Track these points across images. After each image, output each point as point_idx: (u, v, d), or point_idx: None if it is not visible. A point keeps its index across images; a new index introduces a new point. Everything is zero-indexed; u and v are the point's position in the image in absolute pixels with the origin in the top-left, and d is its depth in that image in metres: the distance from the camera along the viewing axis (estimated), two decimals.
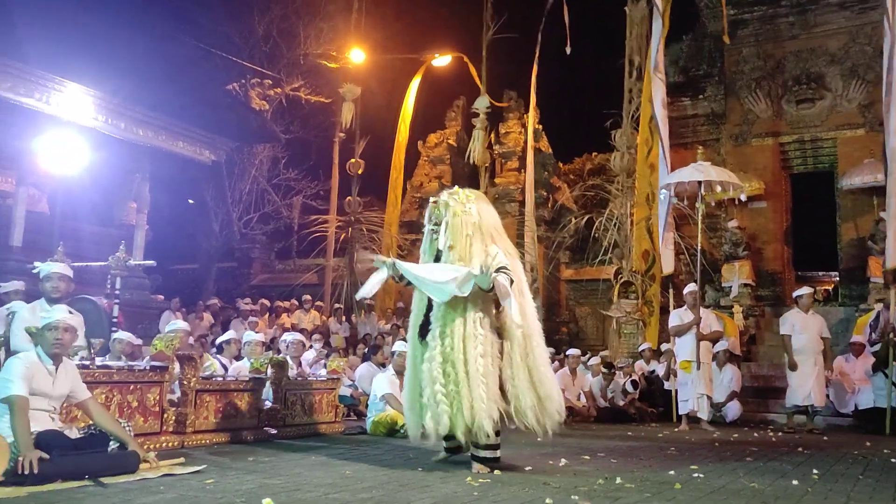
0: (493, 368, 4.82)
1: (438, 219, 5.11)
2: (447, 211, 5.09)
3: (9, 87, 9.28)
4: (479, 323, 4.86)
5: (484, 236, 5.08)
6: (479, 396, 4.67)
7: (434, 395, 4.71)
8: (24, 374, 4.16)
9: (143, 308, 11.36)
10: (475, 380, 4.70)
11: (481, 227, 5.09)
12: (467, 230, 5.03)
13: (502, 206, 17.46)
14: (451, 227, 5.05)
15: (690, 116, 15.61)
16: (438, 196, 5.27)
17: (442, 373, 4.73)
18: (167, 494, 3.74)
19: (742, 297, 13.93)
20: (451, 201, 5.13)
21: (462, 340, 4.79)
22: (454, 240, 5.00)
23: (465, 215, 5.07)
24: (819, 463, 5.88)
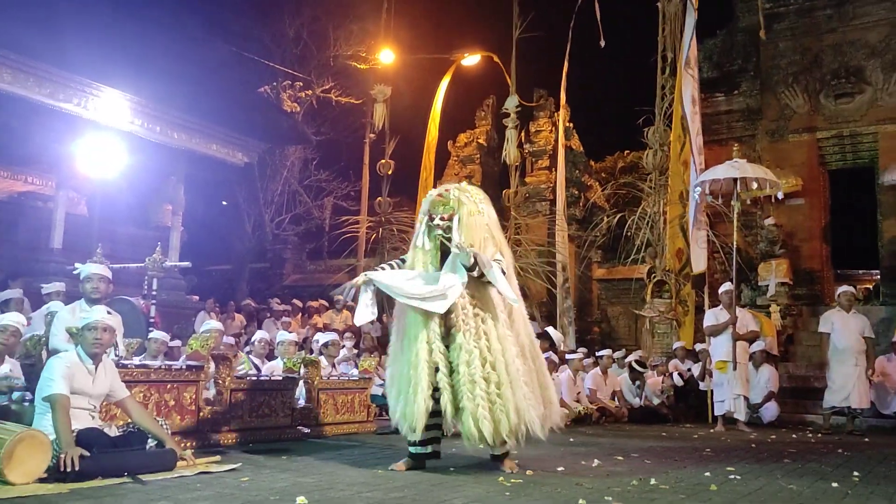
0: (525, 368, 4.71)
1: (447, 213, 4.81)
2: (461, 208, 4.83)
3: (49, 92, 9.47)
4: (506, 324, 4.75)
5: (494, 241, 4.89)
6: (522, 397, 4.57)
7: (475, 399, 4.49)
8: (65, 373, 4.25)
9: (179, 308, 11.53)
10: (517, 381, 4.57)
11: (492, 231, 4.90)
12: (483, 232, 4.82)
13: (533, 205, 17.43)
14: (465, 225, 4.78)
15: (725, 112, 15.41)
16: (445, 189, 4.97)
17: (483, 376, 4.53)
18: (204, 492, 3.79)
19: (779, 296, 13.72)
20: (463, 198, 4.87)
21: (499, 341, 4.63)
22: (470, 239, 4.73)
23: (479, 216, 4.86)
24: (859, 465, 5.77)
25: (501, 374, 4.54)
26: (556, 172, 16.34)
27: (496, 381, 4.53)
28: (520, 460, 5.42)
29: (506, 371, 4.56)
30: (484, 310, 4.69)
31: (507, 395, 4.51)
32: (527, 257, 14.71)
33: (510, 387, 4.53)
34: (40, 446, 3.90)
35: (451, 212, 4.81)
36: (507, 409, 4.50)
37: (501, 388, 4.52)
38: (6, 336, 4.89)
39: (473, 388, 4.49)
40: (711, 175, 10.45)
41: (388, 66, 17.78)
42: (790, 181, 13.95)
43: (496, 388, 4.51)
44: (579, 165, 18.08)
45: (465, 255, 4.53)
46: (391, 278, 4.82)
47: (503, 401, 4.50)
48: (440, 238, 4.85)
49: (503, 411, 4.49)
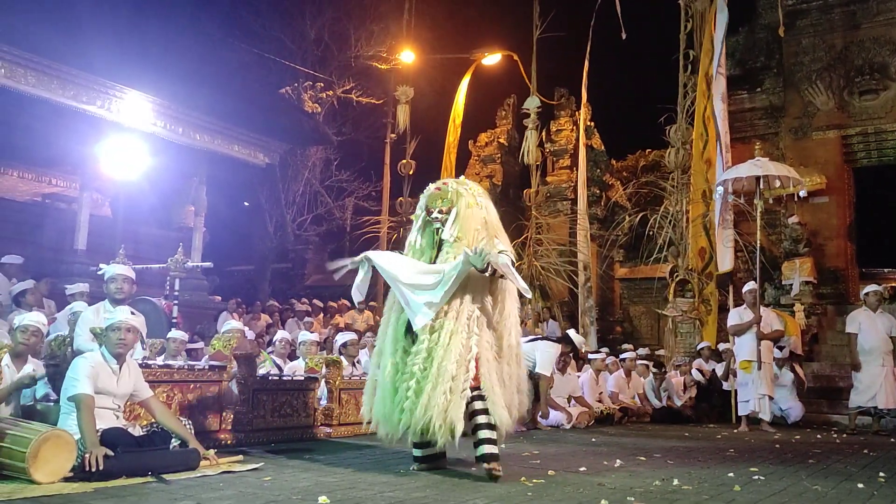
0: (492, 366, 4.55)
1: (445, 206, 4.74)
2: (459, 200, 4.74)
3: (73, 94, 9.59)
4: (474, 321, 4.56)
5: (489, 232, 4.74)
6: (442, 392, 4.34)
7: (406, 392, 4.42)
8: (89, 373, 4.29)
9: (202, 309, 11.63)
10: (444, 376, 4.36)
11: (488, 224, 4.78)
12: (476, 224, 4.71)
13: (554, 204, 17.38)
14: (461, 217, 4.70)
15: (748, 110, 15.27)
16: (443, 183, 4.90)
17: (421, 369, 4.42)
18: (227, 491, 3.81)
19: (803, 294, 13.57)
20: (461, 190, 4.79)
21: (449, 336, 4.47)
22: (463, 232, 4.66)
23: (477, 208, 4.76)
24: (886, 465, 5.69)
25: (431, 369, 4.40)
26: (578, 171, 16.28)
27: (426, 374, 4.41)
28: (541, 460, 5.42)
29: (437, 366, 4.39)
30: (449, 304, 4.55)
31: (426, 389, 4.36)
32: (548, 257, 14.66)
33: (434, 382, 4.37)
34: (66, 446, 3.95)
35: (448, 205, 4.74)
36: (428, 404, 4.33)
37: (423, 383, 4.40)
38: (27, 336, 4.94)
39: (410, 379, 4.44)
40: (734, 173, 10.36)
41: (409, 66, 17.81)
42: (814, 179, 13.79)
43: (416, 384, 4.41)
44: (600, 164, 18.00)
45: (477, 258, 4.38)
46: (389, 260, 4.80)
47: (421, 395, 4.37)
48: (438, 232, 4.78)
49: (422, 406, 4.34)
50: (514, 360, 4.76)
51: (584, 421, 8.96)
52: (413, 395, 4.39)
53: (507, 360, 4.71)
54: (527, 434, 7.70)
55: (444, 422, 4.29)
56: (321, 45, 19.77)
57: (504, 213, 17.77)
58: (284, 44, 19.07)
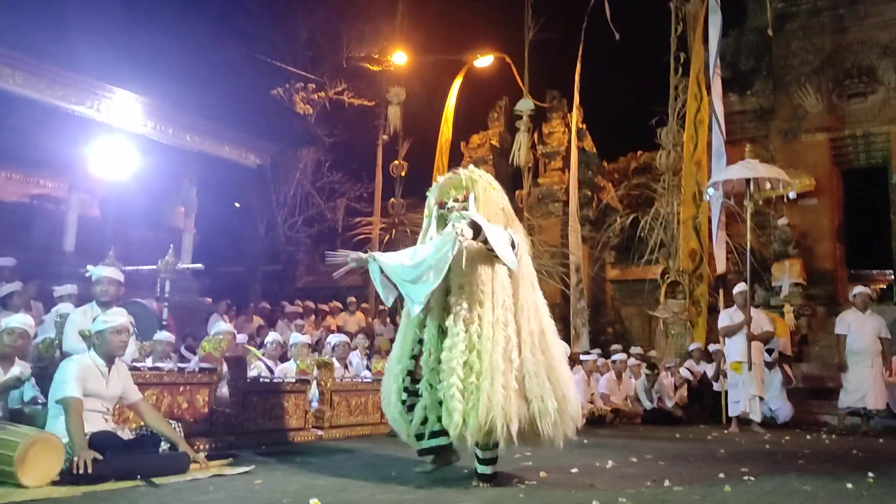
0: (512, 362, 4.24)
1: (461, 194, 4.51)
2: (475, 185, 4.52)
3: (61, 95, 9.53)
4: (506, 307, 4.33)
5: (507, 219, 4.57)
6: (498, 390, 4.08)
7: (449, 389, 4.08)
8: (78, 375, 4.27)
9: (192, 311, 11.56)
10: (497, 371, 4.10)
11: (505, 211, 4.59)
12: (497, 209, 4.52)
13: (546, 206, 17.38)
14: (483, 201, 4.46)
15: (738, 112, 15.32)
16: (454, 172, 4.68)
17: (463, 364, 4.12)
18: (217, 494, 3.79)
19: (793, 296, 13.63)
20: (475, 176, 4.59)
21: (491, 327, 4.22)
22: (488, 215, 4.40)
23: (494, 192, 4.58)
24: (874, 466, 5.71)
25: (484, 364, 4.12)
26: (569, 173, 16.30)
27: (478, 370, 4.11)
28: (533, 461, 5.41)
29: (489, 361, 4.12)
30: (479, 292, 4.29)
31: (484, 386, 4.06)
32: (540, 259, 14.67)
33: (490, 378, 4.08)
34: (53, 449, 3.92)
35: (465, 192, 4.52)
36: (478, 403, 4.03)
37: (481, 378, 4.09)
38: (14, 338, 4.91)
39: (451, 375, 4.11)
40: (725, 175, 10.40)
41: (401, 67, 17.80)
42: (803, 181, 13.86)
43: (475, 379, 4.09)
44: (592, 166, 18.02)
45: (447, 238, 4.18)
46: (393, 258, 4.58)
47: (479, 392, 4.05)
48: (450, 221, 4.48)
49: (474, 405, 4.04)
50: (537, 349, 4.36)
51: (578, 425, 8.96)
52: (459, 394, 4.06)
53: (531, 348, 4.33)
54: None
55: (505, 420, 4.03)
56: (313, 46, 19.74)
57: None
58: (276, 45, 19.02)
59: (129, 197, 11.81)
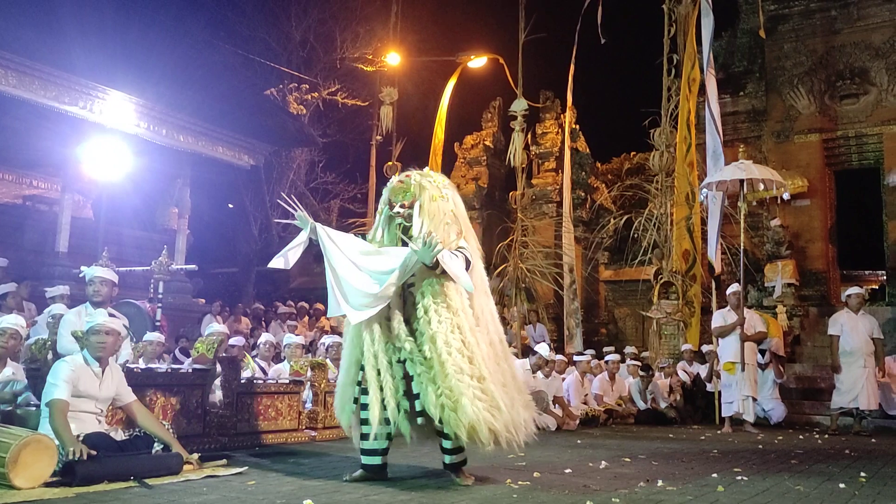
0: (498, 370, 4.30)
1: (407, 200, 4.42)
2: (422, 193, 4.42)
3: (54, 95, 9.51)
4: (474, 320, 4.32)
5: (461, 228, 4.47)
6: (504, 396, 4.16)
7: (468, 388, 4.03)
8: (68, 377, 4.26)
9: (186, 311, 11.55)
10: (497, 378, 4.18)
11: (458, 218, 4.50)
12: (446, 218, 4.40)
13: (539, 207, 17.41)
14: (427, 212, 4.36)
15: (731, 114, 15.37)
16: (406, 175, 4.56)
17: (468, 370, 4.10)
18: (210, 496, 3.78)
19: (785, 296, 13.67)
20: (425, 183, 4.47)
21: (472, 333, 4.21)
22: (433, 226, 4.30)
23: (443, 201, 4.44)
24: (867, 466, 5.75)
25: (482, 369, 4.13)
26: (563, 174, 16.32)
27: (479, 375, 4.11)
28: (527, 461, 5.41)
29: (484, 366, 4.15)
30: (451, 303, 4.26)
31: (491, 389, 4.10)
32: (534, 259, 14.69)
33: (492, 382, 4.12)
34: (46, 450, 3.90)
35: (412, 198, 4.43)
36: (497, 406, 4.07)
37: (484, 382, 4.10)
38: (6, 339, 4.89)
39: (461, 376, 4.05)
40: (718, 177, 10.43)
41: (395, 68, 17.80)
42: (796, 182, 13.90)
43: (478, 383, 4.08)
44: (585, 167, 18.06)
45: (425, 252, 4.13)
46: (339, 239, 4.41)
47: (489, 397, 4.08)
48: (400, 228, 4.48)
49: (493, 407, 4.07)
50: (501, 358, 4.43)
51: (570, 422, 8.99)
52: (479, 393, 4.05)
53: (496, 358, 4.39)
54: None
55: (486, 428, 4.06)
56: (306, 47, 19.74)
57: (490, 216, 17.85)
58: (270, 45, 19.02)
59: (123, 198, 11.79)
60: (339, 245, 4.40)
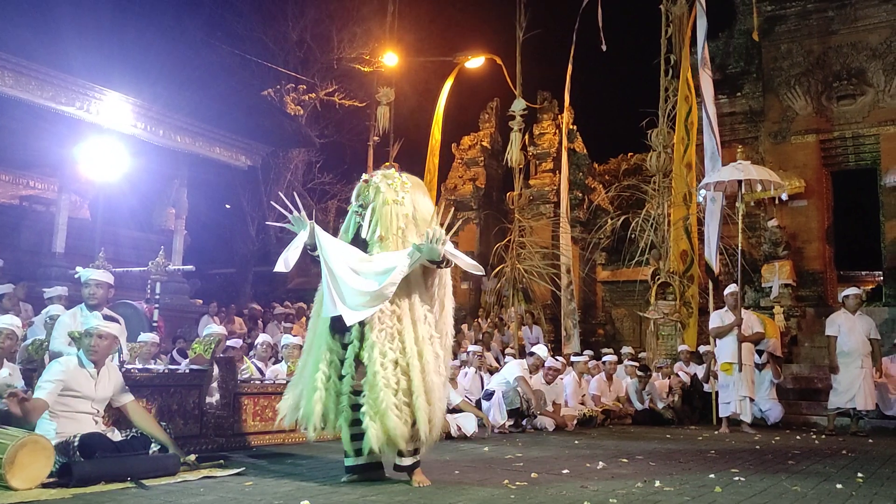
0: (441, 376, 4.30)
1: (365, 201, 4.49)
2: (376, 197, 4.45)
3: (50, 96, 9.48)
4: (430, 321, 4.33)
5: (419, 229, 4.47)
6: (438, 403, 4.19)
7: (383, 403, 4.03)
8: (59, 377, 4.26)
9: (183, 312, 11.53)
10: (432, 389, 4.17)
11: (416, 220, 4.50)
12: (399, 222, 4.42)
13: (537, 207, 17.42)
14: (380, 216, 4.41)
15: (728, 114, 15.39)
16: (371, 175, 4.62)
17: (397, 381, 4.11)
18: (207, 496, 3.78)
19: (783, 297, 13.69)
20: (383, 186, 4.47)
21: (416, 343, 4.22)
22: (385, 231, 4.37)
23: (396, 205, 4.45)
24: (864, 466, 5.75)
25: (416, 382, 4.13)
26: (560, 175, 16.32)
27: (405, 388, 4.12)
28: (524, 462, 5.41)
29: (421, 378, 4.15)
30: (402, 308, 4.28)
31: (419, 404, 4.09)
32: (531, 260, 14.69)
33: (424, 396, 4.12)
34: (43, 451, 3.90)
35: (366, 201, 4.50)
36: (419, 418, 4.09)
37: (413, 397, 4.11)
38: (1, 339, 4.88)
39: (388, 393, 4.06)
40: (717, 177, 10.43)
41: (392, 68, 17.80)
42: (793, 183, 13.92)
43: (404, 397, 4.10)
44: (583, 168, 18.07)
45: (430, 249, 4.17)
46: (337, 242, 4.45)
47: (412, 409, 4.09)
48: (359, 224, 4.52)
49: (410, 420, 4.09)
50: (444, 365, 4.45)
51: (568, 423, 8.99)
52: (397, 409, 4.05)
53: (446, 363, 4.49)
54: (510, 437, 7.70)
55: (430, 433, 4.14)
56: (303, 48, 19.71)
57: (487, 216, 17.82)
58: (266, 46, 19.00)
59: (120, 198, 11.77)
60: (336, 247, 4.41)
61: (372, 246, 4.40)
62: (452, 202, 19.04)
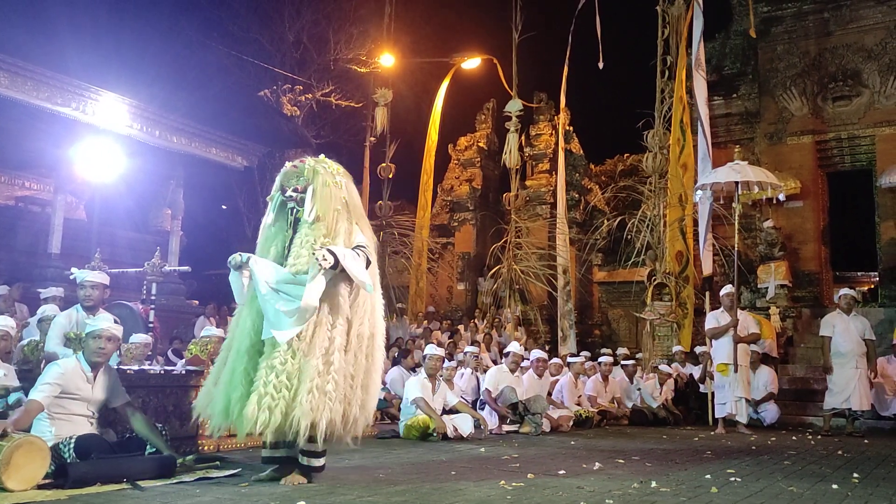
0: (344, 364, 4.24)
1: (300, 184, 4.43)
2: (315, 178, 4.42)
3: (46, 96, 9.47)
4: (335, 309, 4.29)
5: (351, 216, 4.48)
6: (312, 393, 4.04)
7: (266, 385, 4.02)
8: (56, 380, 4.24)
9: (179, 313, 11.52)
10: (323, 374, 4.10)
11: (349, 206, 4.50)
12: (336, 204, 4.41)
13: (533, 208, 17.43)
14: (319, 196, 4.38)
15: (724, 115, 15.43)
16: (300, 160, 4.56)
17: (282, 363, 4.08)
18: (203, 498, 3.77)
19: (778, 298, 13.71)
20: (319, 168, 4.47)
21: (312, 327, 4.18)
22: (322, 211, 4.36)
23: (336, 188, 4.45)
24: (860, 466, 5.77)
25: (297, 365, 4.10)
26: (557, 176, 16.35)
27: (289, 371, 4.07)
28: (521, 463, 5.41)
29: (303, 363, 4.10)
30: None
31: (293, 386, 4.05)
32: (527, 260, 14.71)
33: (298, 379, 4.07)
34: (39, 452, 3.89)
35: (304, 183, 4.44)
36: (280, 405, 4.00)
37: (292, 379, 4.06)
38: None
39: (270, 373, 4.06)
40: (713, 178, 10.45)
41: (389, 69, 17.80)
42: (789, 184, 13.95)
43: (286, 380, 4.05)
44: (579, 169, 18.09)
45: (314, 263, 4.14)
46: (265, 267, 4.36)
47: (287, 393, 4.03)
48: (292, 213, 4.48)
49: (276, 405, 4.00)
50: (362, 353, 4.39)
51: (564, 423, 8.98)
52: (274, 392, 4.01)
53: (355, 351, 4.36)
54: (506, 438, 7.71)
55: (312, 420, 4.01)
56: (300, 48, 19.70)
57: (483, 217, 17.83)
58: (263, 46, 18.98)
59: (116, 199, 11.76)
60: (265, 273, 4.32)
61: (307, 228, 4.36)
62: (449, 203, 19.06)
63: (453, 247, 18.95)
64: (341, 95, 19.85)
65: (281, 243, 4.52)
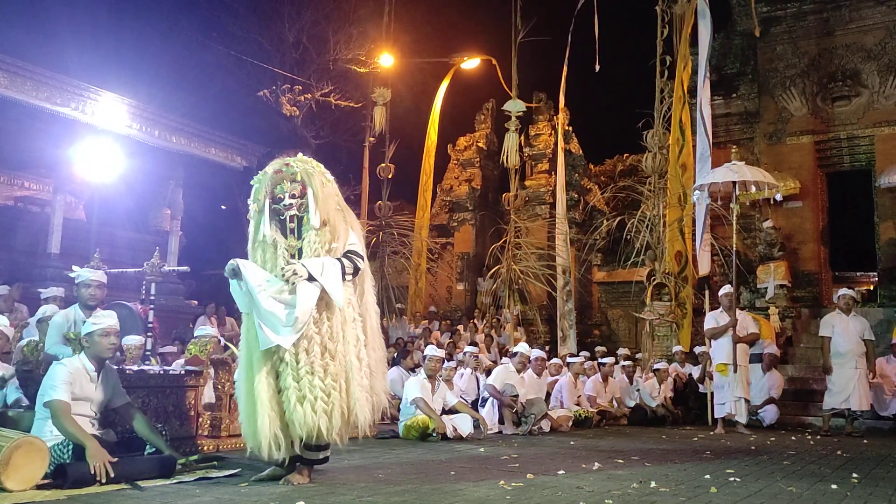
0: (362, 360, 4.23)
1: (297, 189, 4.22)
2: (312, 179, 4.22)
3: (46, 97, 9.47)
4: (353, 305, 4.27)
5: (344, 213, 4.39)
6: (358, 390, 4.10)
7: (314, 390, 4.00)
8: (67, 379, 4.24)
9: (178, 313, 11.52)
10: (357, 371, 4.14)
11: (340, 204, 4.41)
12: (334, 204, 4.31)
13: (533, 208, 17.45)
14: (322, 197, 4.22)
15: (723, 115, 15.43)
16: (284, 164, 4.32)
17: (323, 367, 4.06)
18: (203, 498, 3.77)
19: (778, 298, 13.72)
20: (310, 168, 4.26)
21: (341, 326, 4.16)
22: (327, 214, 4.22)
23: (330, 185, 4.33)
24: (859, 466, 5.77)
25: (339, 365, 4.10)
26: (556, 176, 16.35)
27: (333, 372, 4.07)
28: (520, 463, 5.41)
29: (345, 362, 4.12)
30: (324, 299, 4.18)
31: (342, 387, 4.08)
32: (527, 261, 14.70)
33: (346, 379, 4.09)
34: (38, 453, 3.89)
35: (301, 187, 4.21)
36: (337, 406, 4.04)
37: (339, 379, 4.07)
38: None
39: (312, 378, 4.02)
40: (711, 178, 10.45)
41: (388, 69, 17.80)
42: (788, 184, 13.96)
43: (332, 381, 4.05)
44: (579, 169, 18.09)
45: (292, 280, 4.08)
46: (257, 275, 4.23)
47: (339, 394, 4.05)
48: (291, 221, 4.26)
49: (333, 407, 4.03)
50: (378, 345, 4.48)
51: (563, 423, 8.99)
52: (324, 395, 4.01)
53: (374, 345, 4.43)
54: (506, 438, 7.71)
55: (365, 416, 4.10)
56: (299, 49, 19.71)
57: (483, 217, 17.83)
58: (262, 47, 18.99)
59: (115, 199, 11.76)
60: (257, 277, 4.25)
61: (315, 234, 4.21)
62: (448, 203, 19.07)
63: (453, 247, 18.96)
64: (340, 95, 19.86)
65: (283, 254, 4.28)
